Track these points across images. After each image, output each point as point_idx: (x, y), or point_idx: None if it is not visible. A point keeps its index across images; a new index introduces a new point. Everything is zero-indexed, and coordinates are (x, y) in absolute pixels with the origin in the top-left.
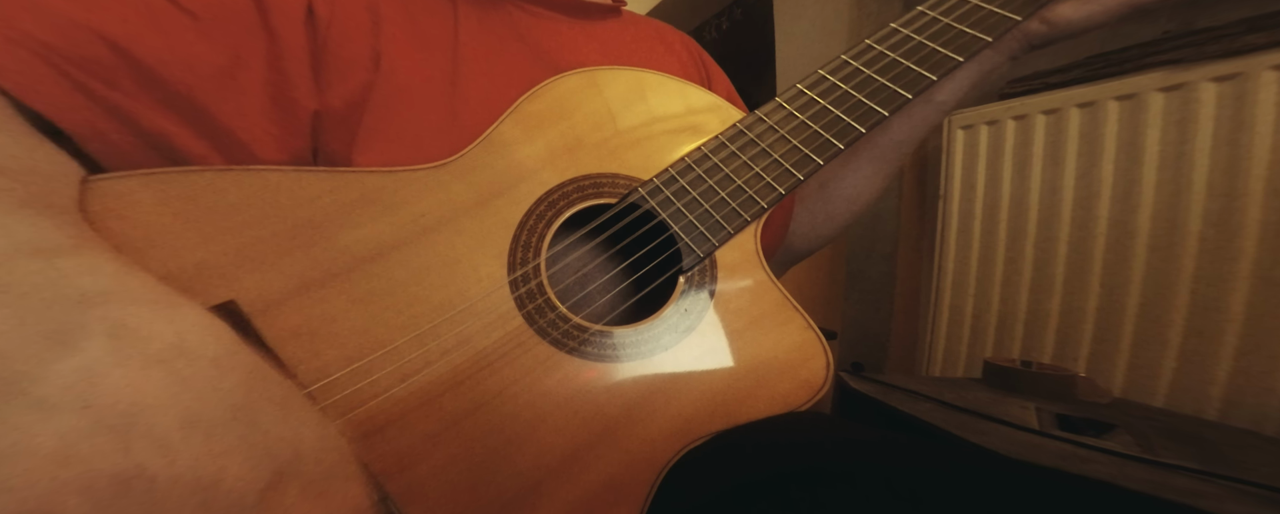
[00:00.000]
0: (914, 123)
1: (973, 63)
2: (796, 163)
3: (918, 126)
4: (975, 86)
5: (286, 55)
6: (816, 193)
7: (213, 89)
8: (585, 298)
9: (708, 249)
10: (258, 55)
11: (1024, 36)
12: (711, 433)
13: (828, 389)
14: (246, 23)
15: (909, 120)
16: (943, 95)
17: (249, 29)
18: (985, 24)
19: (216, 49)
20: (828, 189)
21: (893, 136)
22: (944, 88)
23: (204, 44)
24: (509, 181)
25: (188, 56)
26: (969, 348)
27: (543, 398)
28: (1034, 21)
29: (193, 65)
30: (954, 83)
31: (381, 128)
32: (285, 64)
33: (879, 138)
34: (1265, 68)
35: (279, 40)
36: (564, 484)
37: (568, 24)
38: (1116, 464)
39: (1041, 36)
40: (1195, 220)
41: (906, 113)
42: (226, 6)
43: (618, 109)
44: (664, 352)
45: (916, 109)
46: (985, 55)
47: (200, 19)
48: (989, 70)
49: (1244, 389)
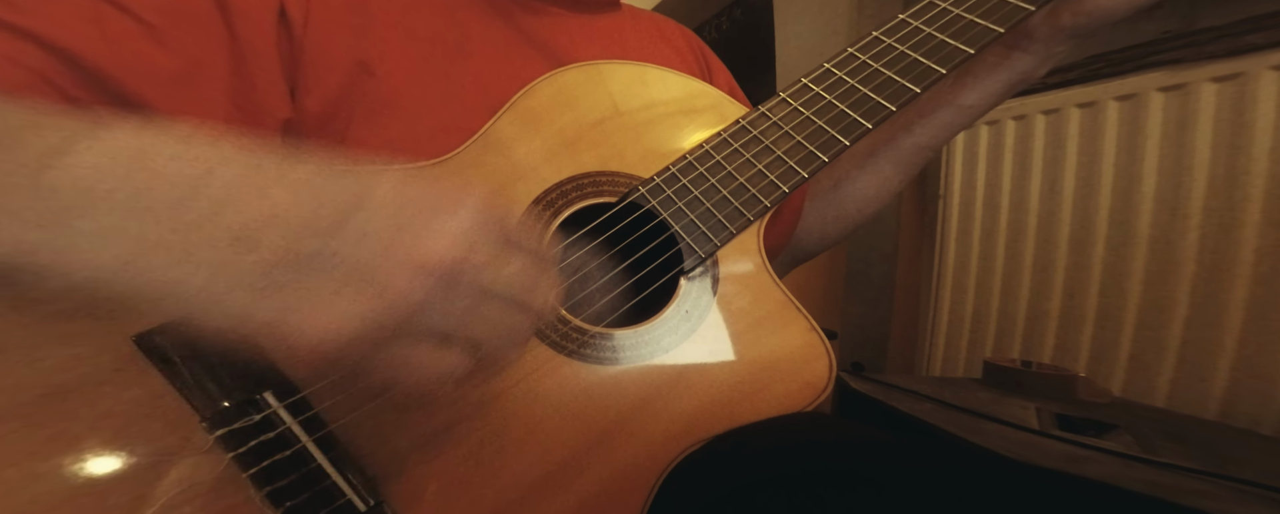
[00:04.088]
0: (939, 126)
1: (1004, 69)
2: (801, 160)
3: (943, 130)
4: (1010, 91)
5: (252, 59)
6: (829, 192)
7: (169, 97)
8: (586, 298)
9: (709, 249)
10: (220, 60)
11: (1057, 31)
12: (713, 435)
13: (830, 391)
14: (207, 28)
15: (934, 124)
16: (970, 99)
17: (209, 34)
18: (996, 15)
19: (172, 56)
20: (841, 190)
21: (916, 140)
22: (971, 91)
23: (157, 50)
24: (507, 179)
25: (139, 63)
26: (969, 348)
27: (542, 401)
28: (1064, 15)
29: (145, 72)
30: (983, 86)
31: (376, 128)
32: (251, 68)
33: (902, 140)
34: (1265, 68)
35: (243, 44)
36: (564, 487)
37: (568, 18)
38: (1116, 464)
39: (1080, 28)
40: (1195, 220)
41: (931, 116)
42: (184, 12)
43: (618, 104)
44: (665, 354)
45: (942, 113)
46: (1018, 59)
47: (152, 25)
48: (1025, 73)
49: (1244, 389)
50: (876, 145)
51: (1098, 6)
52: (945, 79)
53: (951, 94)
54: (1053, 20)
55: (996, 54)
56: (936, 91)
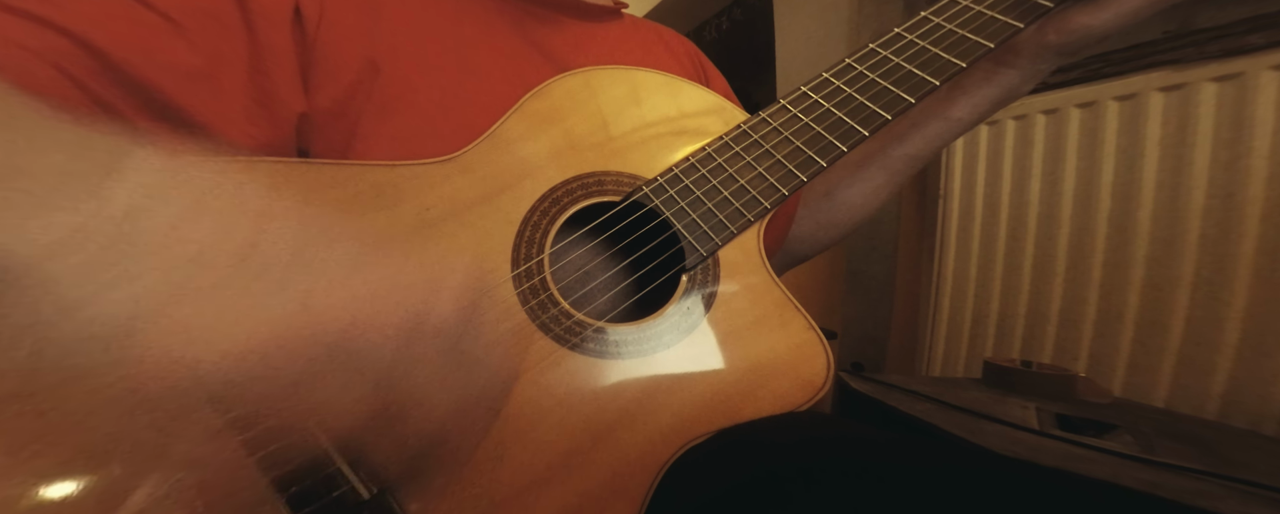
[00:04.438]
0: (929, 137)
1: (992, 84)
2: (800, 164)
3: (933, 141)
4: (997, 105)
5: (269, 56)
6: (822, 199)
7: (190, 91)
8: (587, 295)
9: (711, 248)
10: (239, 56)
11: (1042, 49)
12: (712, 431)
13: (828, 389)
14: (227, 24)
15: (924, 135)
16: (960, 112)
17: (230, 30)
18: (986, 30)
19: (194, 51)
20: (834, 197)
21: (907, 150)
22: (961, 105)
23: (180, 45)
24: (513, 177)
25: (162, 58)
26: (969, 348)
27: (544, 394)
28: (1050, 33)
29: (168, 66)
30: (972, 100)
31: (384, 127)
32: (268, 65)
33: (894, 150)
34: (1265, 68)
35: (262, 41)
36: (564, 480)
37: (572, 24)
38: (1117, 464)
39: (1065, 47)
40: (1195, 220)
41: (921, 127)
42: (207, 10)
43: (622, 107)
44: (665, 350)
45: (933, 125)
46: (1006, 75)
47: (177, 22)
48: (1011, 88)
49: (1244, 389)
50: (869, 155)
51: (1081, 25)
52: (938, 92)
53: (943, 107)
54: (1039, 38)
55: (986, 70)
56: (928, 104)
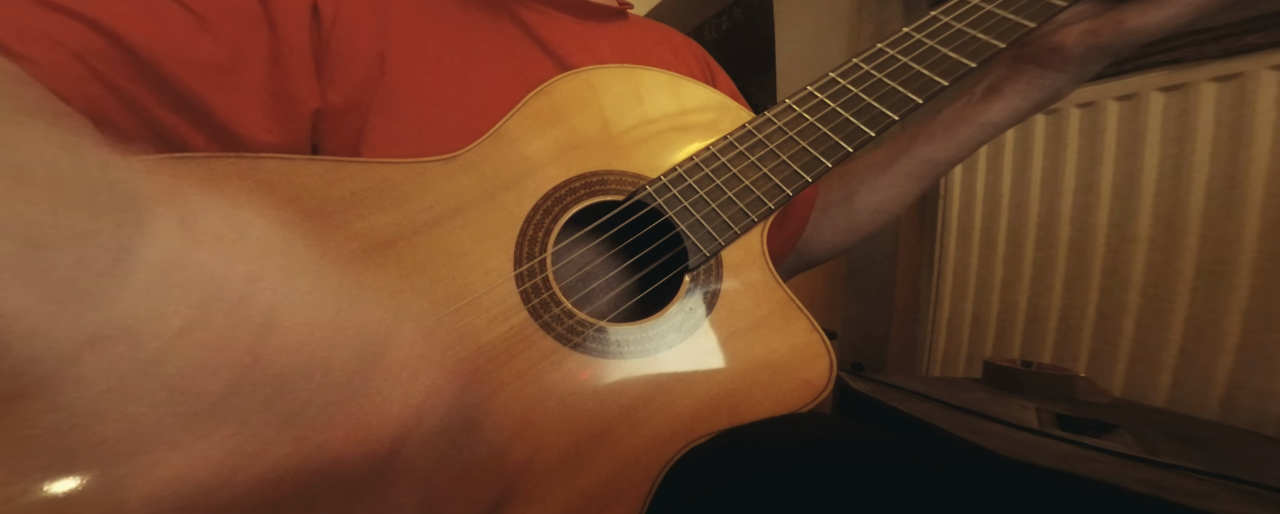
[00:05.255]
0: (961, 142)
1: (1035, 88)
2: (805, 165)
3: (964, 146)
4: (1037, 109)
5: (288, 53)
6: (842, 203)
7: (212, 84)
8: (590, 295)
9: (714, 249)
10: (260, 52)
11: (1094, 50)
12: (713, 432)
13: (830, 390)
14: (250, 19)
15: (955, 139)
16: (998, 117)
17: (252, 25)
18: (998, 30)
19: (218, 45)
20: (855, 201)
21: (934, 155)
22: (999, 109)
23: (205, 39)
24: (516, 176)
25: (186, 51)
26: (969, 348)
27: (546, 393)
28: (1105, 34)
29: (192, 60)
30: (1012, 104)
31: (391, 124)
32: (287, 61)
33: (923, 154)
34: (1265, 68)
35: (282, 37)
36: (565, 480)
37: (577, 25)
38: (1117, 464)
39: (1120, 48)
40: (1195, 220)
41: (955, 132)
42: (229, 5)
43: (625, 106)
44: (667, 350)
45: (965, 130)
46: (1052, 78)
47: (200, 15)
48: (1056, 92)
49: (1244, 389)
50: (894, 158)
51: (1136, 26)
52: (972, 97)
53: (977, 112)
54: (1091, 39)
55: (1029, 74)
56: (961, 109)
